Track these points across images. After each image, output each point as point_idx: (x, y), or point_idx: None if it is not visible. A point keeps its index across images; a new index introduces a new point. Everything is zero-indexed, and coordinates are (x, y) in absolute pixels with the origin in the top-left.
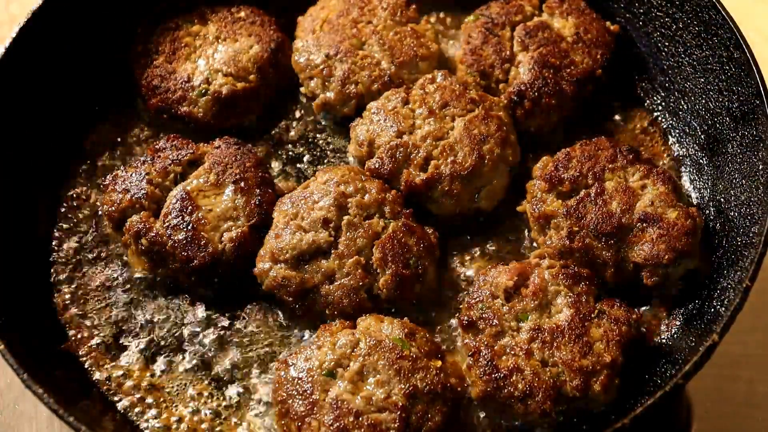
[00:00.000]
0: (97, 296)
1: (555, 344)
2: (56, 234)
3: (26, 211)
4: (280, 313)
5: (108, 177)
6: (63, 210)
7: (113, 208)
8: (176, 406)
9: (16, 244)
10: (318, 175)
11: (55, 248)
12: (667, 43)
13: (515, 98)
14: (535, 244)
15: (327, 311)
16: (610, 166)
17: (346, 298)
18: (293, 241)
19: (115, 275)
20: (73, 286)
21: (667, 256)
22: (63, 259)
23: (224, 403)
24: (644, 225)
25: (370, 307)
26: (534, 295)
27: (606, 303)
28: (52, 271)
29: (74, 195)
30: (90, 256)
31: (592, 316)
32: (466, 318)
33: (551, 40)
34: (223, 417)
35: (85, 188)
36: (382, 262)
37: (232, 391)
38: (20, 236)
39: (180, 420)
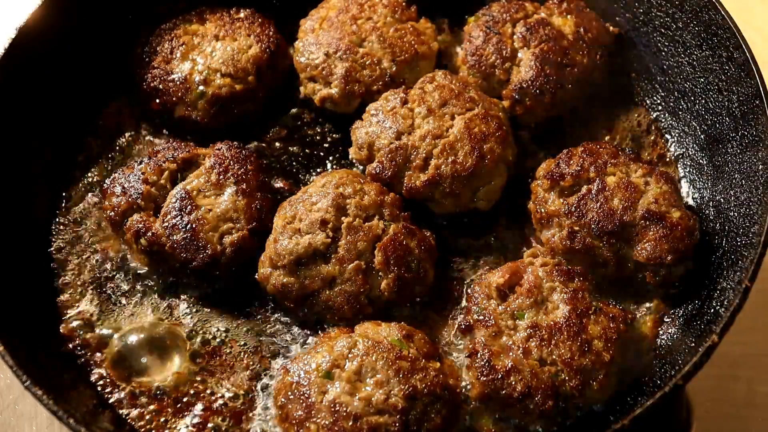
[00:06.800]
0: (98, 296)
1: (553, 342)
2: (56, 234)
3: (26, 212)
4: (282, 316)
5: (107, 180)
6: (63, 211)
7: (113, 212)
8: (178, 408)
9: (16, 245)
10: (316, 179)
11: (56, 249)
12: (667, 43)
13: (516, 96)
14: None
15: (327, 316)
16: (612, 161)
17: (346, 304)
18: (290, 245)
19: (118, 275)
20: (74, 287)
21: (669, 257)
22: (64, 260)
23: (226, 408)
24: (647, 223)
25: (371, 312)
26: (529, 293)
27: (602, 302)
28: (51, 271)
29: (75, 197)
30: (92, 256)
31: (590, 312)
32: (464, 323)
33: (552, 37)
34: (224, 421)
35: (85, 191)
36: (385, 265)
37: (235, 395)
38: (20, 237)
39: (181, 422)
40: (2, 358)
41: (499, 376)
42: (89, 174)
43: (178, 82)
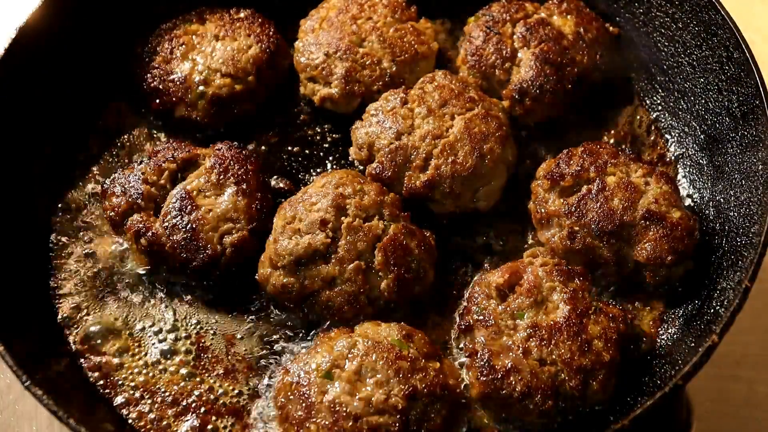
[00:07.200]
0: (98, 296)
1: (553, 342)
2: (56, 234)
3: (26, 212)
4: (282, 316)
5: (107, 180)
6: (62, 212)
7: (113, 212)
8: (178, 409)
9: (16, 244)
10: (316, 179)
11: (55, 248)
12: (667, 43)
13: (516, 96)
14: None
15: (327, 316)
16: (612, 161)
17: (346, 304)
18: (290, 245)
19: (117, 275)
20: (73, 287)
21: (669, 257)
22: (63, 259)
23: (226, 409)
24: (647, 223)
25: (371, 312)
26: (528, 293)
27: (602, 302)
28: (51, 271)
29: (75, 197)
30: (91, 256)
31: (590, 312)
32: (464, 323)
33: (552, 37)
34: (225, 422)
35: (85, 192)
36: (385, 265)
37: (235, 396)
38: (20, 236)
39: (181, 423)
40: (2, 358)
41: (499, 376)
42: (89, 174)
43: (178, 82)
